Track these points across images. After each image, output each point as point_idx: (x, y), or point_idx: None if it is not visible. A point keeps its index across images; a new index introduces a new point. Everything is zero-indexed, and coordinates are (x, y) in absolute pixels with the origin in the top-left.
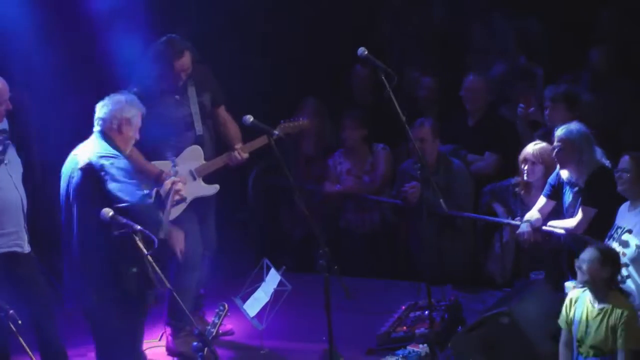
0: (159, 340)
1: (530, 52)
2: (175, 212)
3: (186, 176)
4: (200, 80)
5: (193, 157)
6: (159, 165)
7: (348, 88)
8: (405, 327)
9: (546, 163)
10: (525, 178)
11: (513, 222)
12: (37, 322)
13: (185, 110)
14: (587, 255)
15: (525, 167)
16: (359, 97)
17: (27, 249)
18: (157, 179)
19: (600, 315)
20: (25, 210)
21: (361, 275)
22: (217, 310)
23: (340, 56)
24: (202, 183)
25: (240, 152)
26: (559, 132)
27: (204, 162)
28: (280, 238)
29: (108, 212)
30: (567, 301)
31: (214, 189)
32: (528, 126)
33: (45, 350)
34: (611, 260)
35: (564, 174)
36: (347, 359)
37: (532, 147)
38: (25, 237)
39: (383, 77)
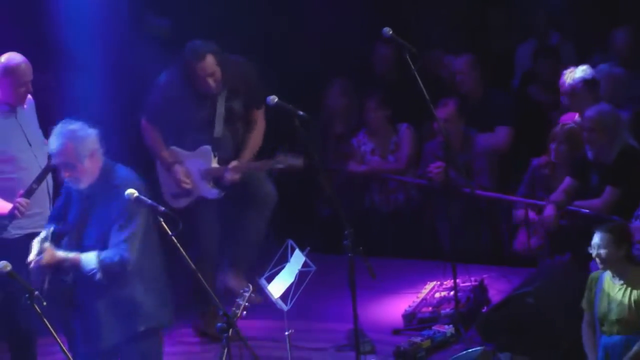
0: None
1: (559, 29)
2: (184, 202)
3: (195, 173)
4: (234, 83)
5: (204, 157)
6: (177, 153)
7: (371, 68)
8: (430, 308)
9: (571, 143)
10: (552, 158)
11: (538, 202)
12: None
13: (208, 111)
14: (599, 239)
15: (554, 147)
16: (382, 77)
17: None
18: (168, 170)
19: (622, 290)
20: (50, 192)
21: (386, 256)
22: (241, 291)
23: (364, 36)
24: (207, 185)
25: (231, 172)
26: (590, 113)
27: (214, 165)
28: (305, 219)
29: (132, 193)
30: (588, 282)
31: (214, 194)
32: None
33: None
34: (624, 237)
35: (592, 154)
36: (373, 340)
37: (561, 127)
38: None
39: (408, 57)
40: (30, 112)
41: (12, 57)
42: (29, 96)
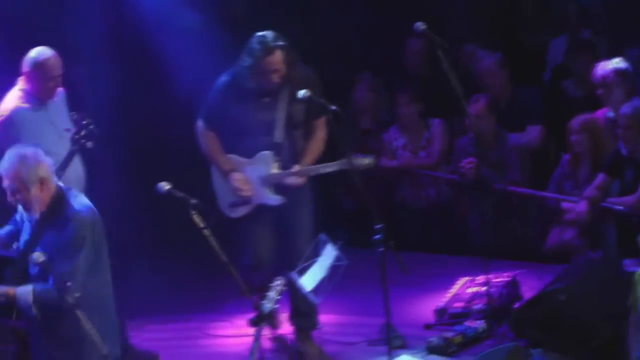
0: None
1: (591, 25)
2: (241, 211)
3: (254, 180)
4: (298, 89)
5: (264, 163)
6: (235, 160)
7: (402, 62)
8: (462, 303)
9: (591, 133)
10: (574, 150)
11: (570, 198)
12: None
13: (268, 115)
14: None
15: (573, 139)
16: (413, 72)
17: None
18: (225, 177)
19: None
20: (83, 185)
21: (417, 251)
22: (273, 284)
23: (395, 30)
24: (268, 191)
25: (295, 177)
26: (625, 110)
27: (274, 170)
28: (336, 213)
29: (165, 185)
30: (634, 280)
31: (276, 200)
32: None
33: None
34: None
35: (626, 151)
36: (404, 335)
37: (575, 119)
38: None
39: (439, 52)
40: (60, 105)
41: (42, 52)
42: (59, 88)
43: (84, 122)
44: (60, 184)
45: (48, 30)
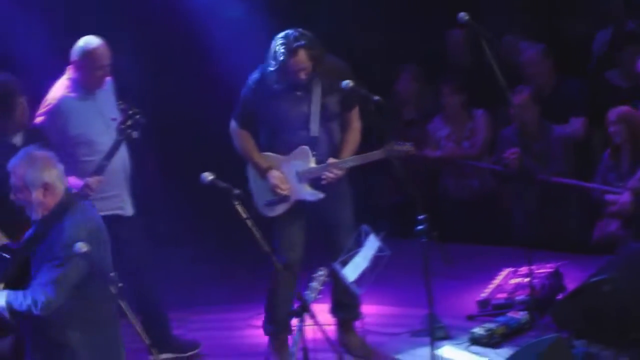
0: None
1: (637, 16)
2: (279, 209)
3: (292, 176)
4: (330, 80)
5: (302, 157)
6: (271, 158)
7: (445, 53)
8: (505, 294)
9: (628, 124)
10: (615, 141)
11: (614, 189)
12: (139, 286)
13: (303, 109)
14: None
15: (611, 130)
16: (456, 62)
17: (129, 212)
18: (263, 175)
19: None
20: (128, 174)
21: (460, 242)
22: (315, 275)
23: (438, 20)
24: (307, 187)
25: (332, 169)
26: None
27: (312, 165)
28: (378, 204)
29: (208, 175)
30: None
31: (315, 195)
32: None
33: (146, 313)
34: None
35: None
36: (447, 325)
37: (614, 110)
38: (129, 201)
39: (483, 43)
40: (108, 94)
41: (90, 41)
42: (108, 78)
43: (131, 111)
44: (74, 192)
45: (92, 19)
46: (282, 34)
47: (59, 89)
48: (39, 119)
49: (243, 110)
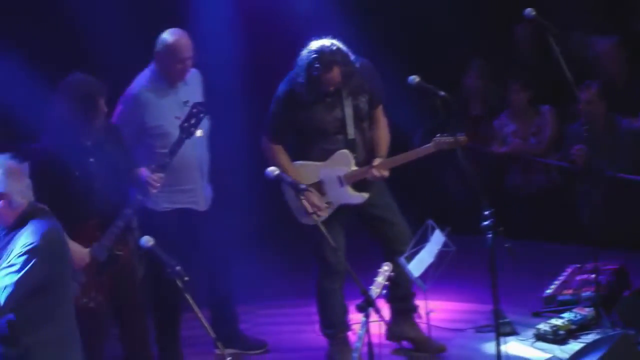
0: None
1: None
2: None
3: (333, 181)
4: (357, 84)
5: (342, 162)
6: (309, 166)
7: (511, 48)
8: (571, 290)
9: None
10: None
11: None
12: (212, 279)
13: (337, 113)
14: None
15: None
16: (522, 58)
17: (202, 206)
18: (294, 187)
19: None
20: (205, 169)
21: (526, 238)
22: (380, 269)
23: (503, 16)
24: (350, 190)
25: (379, 169)
26: None
27: (353, 168)
28: (444, 199)
29: (274, 170)
30: None
31: (360, 197)
32: None
33: (216, 307)
34: None
35: None
36: (512, 321)
37: None
38: (203, 196)
39: (550, 38)
40: (192, 88)
41: (172, 33)
42: (193, 70)
43: (194, 109)
44: (37, 204)
45: (178, 14)
46: (316, 47)
47: (140, 80)
48: (117, 110)
49: (274, 124)
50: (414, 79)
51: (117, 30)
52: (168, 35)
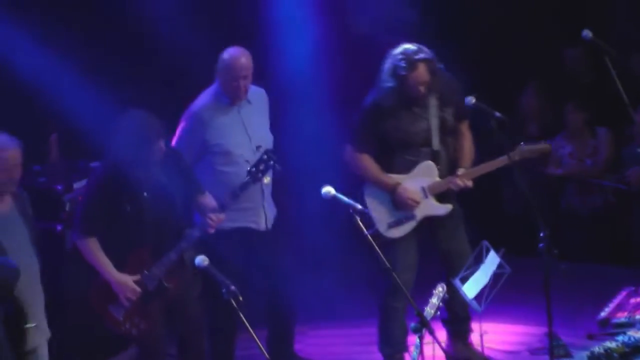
0: None
1: None
2: (404, 229)
3: (417, 193)
4: (445, 93)
5: (426, 173)
6: (396, 178)
7: (568, 69)
8: (625, 313)
9: None
10: None
11: None
12: (271, 299)
13: (423, 125)
14: None
15: None
16: (575, 79)
17: (262, 227)
18: (393, 192)
19: None
20: (267, 190)
21: (582, 259)
22: (435, 290)
23: (560, 37)
24: (434, 201)
25: (463, 179)
26: None
27: (437, 179)
28: (500, 220)
29: (329, 190)
30: None
31: (444, 209)
32: None
33: (275, 328)
34: None
35: None
36: (567, 343)
37: None
38: (264, 215)
39: (607, 60)
40: (256, 107)
41: (230, 50)
42: (259, 89)
43: (265, 156)
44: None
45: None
46: (398, 50)
47: (202, 97)
48: (179, 127)
49: (361, 134)
50: (471, 99)
51: (197, 47)
52: (226, 53)
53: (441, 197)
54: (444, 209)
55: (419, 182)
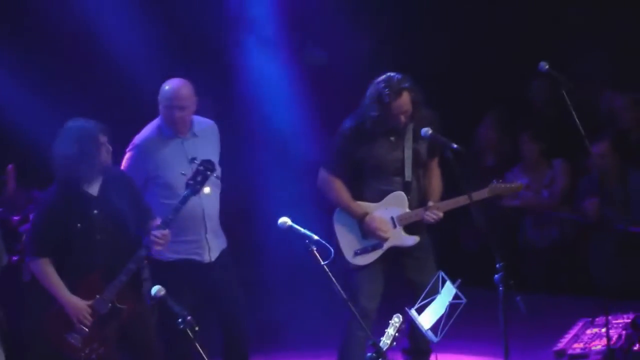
0: None
1: None
2: (370, 257)
3: (386, 222)
4: (421, 127)
5: (397, 203)
6: (366, 206)
7: (524, 100)
8: (582, 344)
9: None
10: None
11: None
12: (224, 332)
13: (397, 155)
14: None
15: None
16: (538, 110)
17: (207, 258)
18: (361, 220)
19: None
20: (212, 222)
21: (538, 291)
22: (391, 321)
23: (519, 68)
24: (402, 232)
25: (434, 211)
26: None
27: (407, 210)
28: (456, 251)
29: (285, 221)
30: None
31: (413, 240)
32: None
33: (228, 357)
34: None
35: None
36: None
37: None
38: (207, 247)
39: (564, 92)
40: (203, 141)
41: (170, 81)
42: (209, 122)
43: (200, 167)
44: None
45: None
46: (382, 78)
47: (147, 129)
48: (125, 157)
49: (338, 159)
50: (427, 130)
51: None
52: (167, 83)
53: (411, 228)
54: (412, 239)
55: (389, 211)
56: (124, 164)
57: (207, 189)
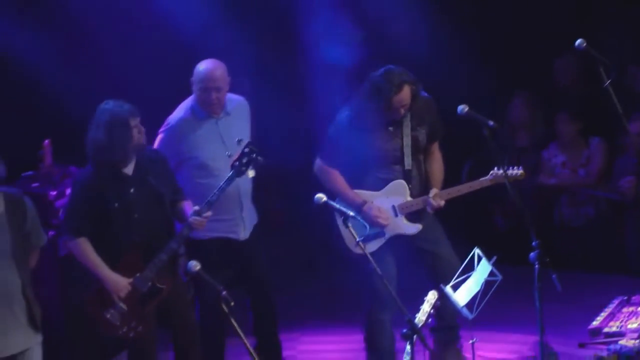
0: None
1: None
2: (372, 246)
3: (388, 211)
4: (419, 113)
5: (398, 192)
6: (363, 195)
7: (557, 79)
8: (617, 322)
9: None
10: None
11: None
12: (256, 307)
13: (396, 143)
14: None
15: None
16: (565, 89)
17: (242, 236)
18: (360, 209)
19: None
20: (245, 201)
21: (574, 269)
22: (426, 297)
23: (552, 47)
24: (404, 221)
25: (436, 199)
26: None
27: (408, 198)
28: (492, 229)
29: (322, 197)
30: None
31: (415, 228)
32: None
33: (261, 334)
34: None
35: None
36: (558, 352)
37: None
38: (243, 225)
39: (601, 70)
40: (235, 118)
41: (204, 62)
42: (240, 99)
43: (247, 149)
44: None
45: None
46: (382, 71)
47: (179, 110)
48: (157, 139)
49: (333, 148)
50: (464, 108)
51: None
52: (201, 64)
53: (415, 216)
54: (414, 228)
55: (390, 200)
56: (157, 144)
57: (251, 172)
